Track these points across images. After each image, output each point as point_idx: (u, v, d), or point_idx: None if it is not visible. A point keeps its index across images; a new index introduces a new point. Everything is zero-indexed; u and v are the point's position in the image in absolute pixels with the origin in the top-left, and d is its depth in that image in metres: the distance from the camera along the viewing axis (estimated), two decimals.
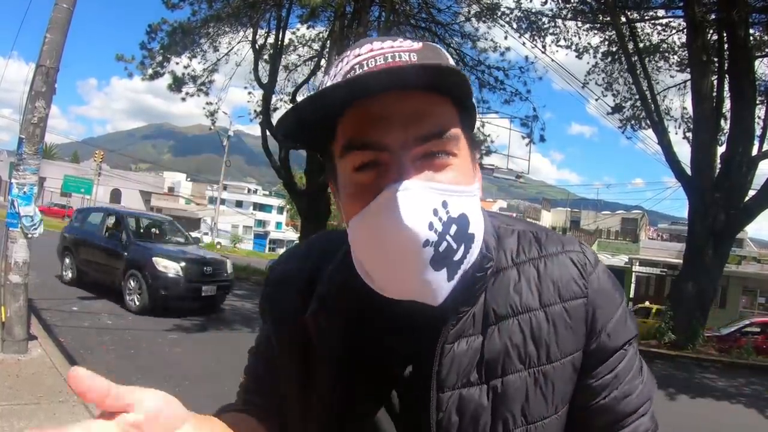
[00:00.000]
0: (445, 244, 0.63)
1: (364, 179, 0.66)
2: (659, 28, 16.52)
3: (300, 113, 0.65)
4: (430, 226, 0.61)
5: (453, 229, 0.64)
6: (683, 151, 14.78)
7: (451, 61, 0.69)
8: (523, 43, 16.76)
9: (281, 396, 0.85)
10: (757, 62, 14.13)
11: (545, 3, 15.99)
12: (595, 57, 17.00)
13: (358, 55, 0.66)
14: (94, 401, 0.50)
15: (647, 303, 21.25)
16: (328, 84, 0.64)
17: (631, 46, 14.64)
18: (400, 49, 0.66)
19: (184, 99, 18.07)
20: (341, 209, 0.71)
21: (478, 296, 0.73)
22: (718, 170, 13.25)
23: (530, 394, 0.71)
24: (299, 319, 0.78)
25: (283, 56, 18.08)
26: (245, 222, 65.33)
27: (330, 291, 0.76)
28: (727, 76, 13.50)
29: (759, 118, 14.06)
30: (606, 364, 0.75)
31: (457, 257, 0.65)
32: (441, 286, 0.65)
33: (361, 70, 0.64)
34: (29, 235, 5.82)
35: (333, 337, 0.75)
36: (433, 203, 0.62)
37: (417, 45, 0.69)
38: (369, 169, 0.65)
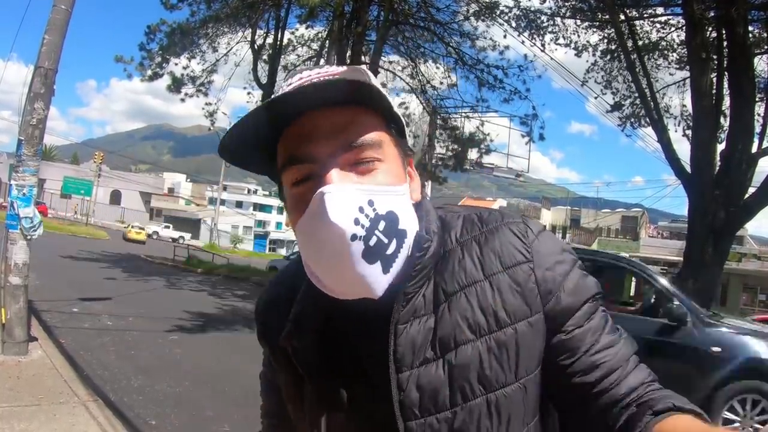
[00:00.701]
0: (375, 238, 0.68)
1: (301, 191, 0.72)
2: (658, 25, 16.52)
3: (235, 138, 0.72)
4: (356, 222, 0.67)
5: (381, 225, 0.69)
6: (683, 149, 14.79)
7: (374, 81, 0.75)
8: (522, 42, 16.76)
9: (288, 415, 0.89)
10: (756, 59, 14.13)
11: (544, 1, 15.99)
12: (594, 55, 16.99)
13: (290, 84, 0.74)
14: None
15: None
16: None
17: (630, 44, 14.63)
18: (326, 74, 0.74)
19: (183, 100, 18.07)
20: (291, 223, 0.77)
21: (423, 276, 0.76)
22: (717, 168, 13.24)
23: (484, 361, 0.72)
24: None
25: (282, 56, 18.07)
26: (245, 222, 65.30)
27: (302, 310, 0.80)
28: (726, 73, 13.48)
29: (758, 115, 14.05)
30: (574, 319, 0.76)
31: (389, 251, 0.70)
32: (377, 279, 0.70)
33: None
34: (29, 237, 5.82)
35: (308, 354, 0.79)
36: (358, 202, 0.68)
37: (341, 69, 0.76)
38: (305, 182, 0.72)
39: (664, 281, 6.10)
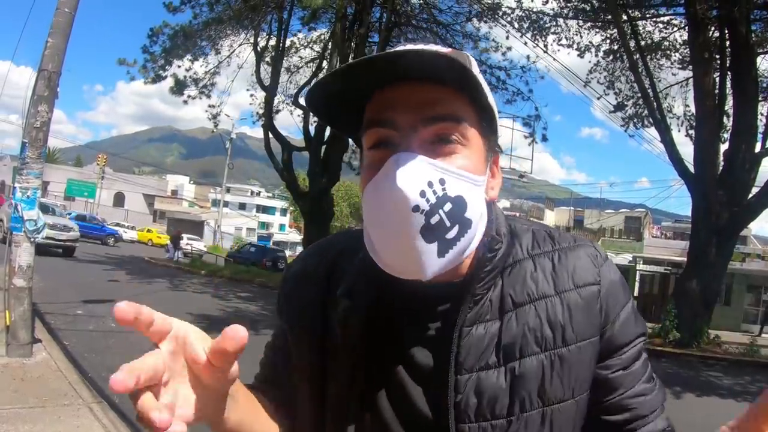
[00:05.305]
0: (437, 217, 0.67)
1: (377, 155, 0.72)
2: (661, 25, 16.50)
3: (325, 87, 0.72)
4: (422, 194, 0.66)
5: (447, 206, 0.68)
6: (687, 150, 14.76)
7: (476, 70, 0.72)
8: (525, 43, 16.76)
9: (294, 387, 0.87)
10: (759, 59, 14.11)
11: (546, 2, 15.99)
12: (596, 55, 16.99)
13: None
14: (141, 330, 0.56)
15: None
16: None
17: (632, 44, 14.61)
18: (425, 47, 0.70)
19: (186, 102, 18.14)
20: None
21: (492, 278, 0.76)
22: (721, 168, 13.21)
23: (546, 376, 0.73)
24: (319, 312, 0.82)
25: (285, 58, 18.13)
26: (249, 224, 65.38)
27: (356, 286, 0.79)
28: (729, 73, 13.46)
29: (761, 114, 14.05)
30: (620, 359, 0.79)
31: (449, 235, 0.69)
32: (430, 259, 0.68)
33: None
34: (33, 239, 5.84)
35: (355, 331, 0.78)
36: (428, 176, 0.67)
37: (448, 49, 0.72)
38: (382, 148, 0.71)
39: None
